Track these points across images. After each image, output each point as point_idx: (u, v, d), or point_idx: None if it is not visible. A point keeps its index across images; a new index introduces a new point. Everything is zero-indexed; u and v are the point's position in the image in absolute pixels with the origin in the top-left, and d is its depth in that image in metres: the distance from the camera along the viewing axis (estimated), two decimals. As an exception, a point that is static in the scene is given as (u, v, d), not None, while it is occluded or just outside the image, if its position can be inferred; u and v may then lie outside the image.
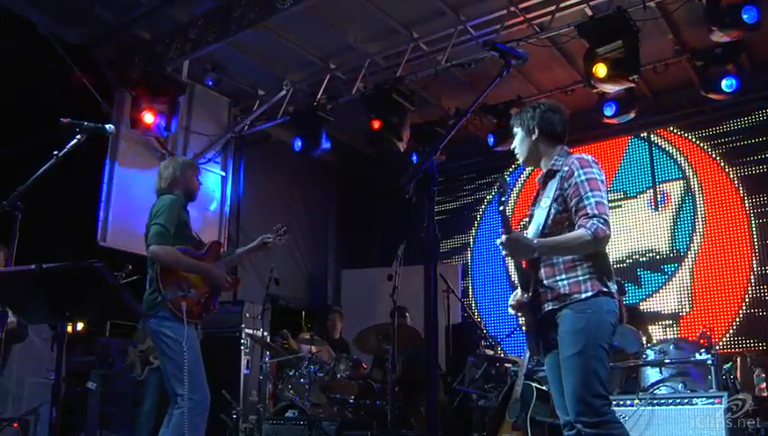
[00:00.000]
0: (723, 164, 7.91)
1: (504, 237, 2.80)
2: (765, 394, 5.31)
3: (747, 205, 7.65)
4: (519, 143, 3.15)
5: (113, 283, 2.73)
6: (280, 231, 4.44)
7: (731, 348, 7.24)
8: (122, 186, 7.51)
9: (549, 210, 2.90)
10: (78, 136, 2.95)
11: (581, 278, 2.81)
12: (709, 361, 4.64)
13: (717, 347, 6.39)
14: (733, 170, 7.82)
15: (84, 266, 2.59)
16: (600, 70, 5.98)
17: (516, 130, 3.15)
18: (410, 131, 7.44)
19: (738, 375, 5.33)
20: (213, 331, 6.11)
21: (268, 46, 7.50)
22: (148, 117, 7.18)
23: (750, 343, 7.26)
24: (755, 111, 7.74)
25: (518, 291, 3.01)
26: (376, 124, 7.23)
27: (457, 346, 6.71)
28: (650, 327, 6.33)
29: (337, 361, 5.98)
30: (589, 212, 2.75)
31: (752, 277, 7.43)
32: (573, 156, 2.95)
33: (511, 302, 3.05)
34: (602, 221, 2.72)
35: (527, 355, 5.07)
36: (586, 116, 7.54)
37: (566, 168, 2.90)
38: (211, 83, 8.27)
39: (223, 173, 8.71)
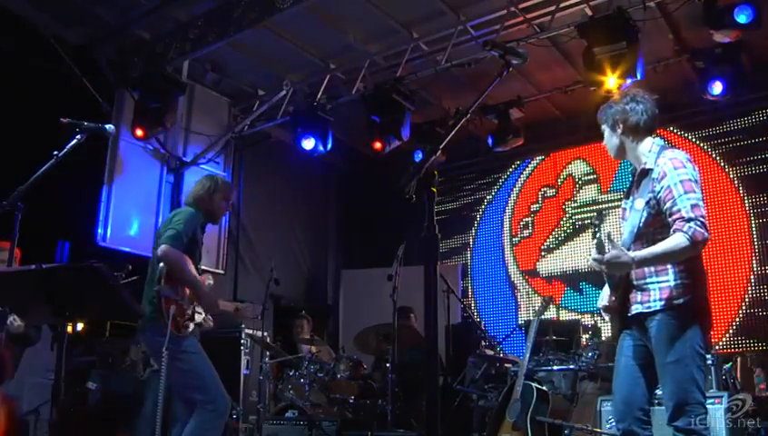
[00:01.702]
0: (723, 164, 7.91)
1: (599, 256, 2.74)
2: (765, 394, 5.32)
3: (747, 205, 7.65)
4: (606, 139, 3.06)
5: (113, 283, 2.74)
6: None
7: (731, 348, 7.24)
8: (121, 186, 7.51)
9: (643, 213, 2.83)
10: (78, 136, 2.95)
11: (672, 283, 2.76)
12: (709, 362, 4.65)
13: (717, 347, 6.40)
14: (733, 170, 7.82)
15: (84, 266, 2.59)
16: (611, 82, 5.95)
17: (603, 127, 3.07)
18: (410, 131, 7.45)
19: (738, 375, 5.34)
20: (213, 332, 6.12)
21: (268, 46, 7.51)
22: (146, 127, 7.22)
23: (750, 343, 7.26)
24: (755, 111, 7.74)
25: (606, 290, 2.96)
26: (377, 145, 7.31)
27: (457, 346, 6.71)
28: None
29: (337, 361, 5.98)
30: (685, 215, 2.68)
31: (752, 277, 7.42)
32: (666, 154, 2.84)
33: (600, 302, 3.02)
34: (699, 223, 2.66)
35: (527, 355, 5.08)
36: (586, 117, 7.51)
37: (659, 169, 2.81)
38: (207, 76, 8.27)
39: (224, 174, 8.69)
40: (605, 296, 2.98)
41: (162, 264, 3.71)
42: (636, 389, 2.84)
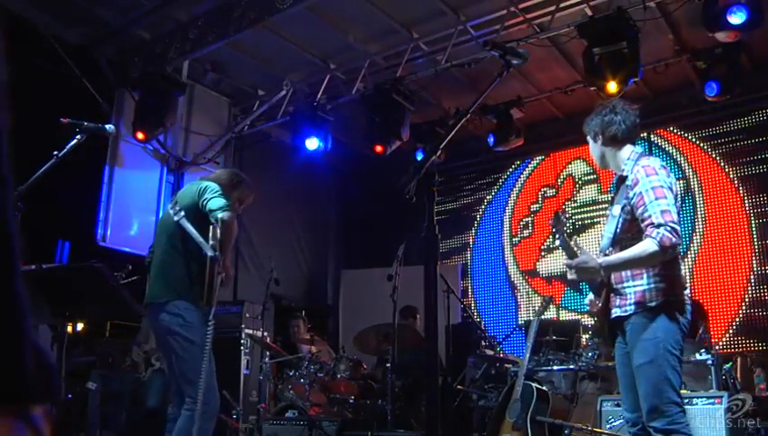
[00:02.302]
0: (723, 164, 7.91)
1: (568, 262, 2.88)
2: (765, 394, 5.31)
3: (747, 205, 7.65)
4: (591, 150, 3.19)
5: (113, 283, 2.74)
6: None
7: (731, 348, 7.24)
8: (121, 186, 7.52)
9: (619, 219, 2.93)
10: (78, 136, 2.95)
11: (646, 287, 2.82)
12: (709, 362, 4.64)
13: (717, 347, 6.40)
14: (733, 170, 7.82)
15: (84, 266, 2.60)
16: (611, 86, 5.96)
17: (588, 138, 3.19)
18: (410, 131, 7.45)
19: (738, 375, 5.33)
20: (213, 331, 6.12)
21: (268, 46, 7.51)
22: (146, 130, 7.23)
23: (750, 343, 7.26)
24: (755, 111, 7.74)
25: (592, 295, 3.05)
26: (378, 148, 7.30)
27: (457, 346, 6.71)
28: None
29: (337, 361, 5.98)
30: (654, 221, 2.73)
31: (752, 277, 7.42)
32: (640, 162, 2.92)
33: (587, 304, 3.12)
34: (669, 229, 2.69)
35: (527, 355, 5.08)
36: (587, 116, 7.51)
37: (632, 176, 2.89)
38: (207, 76, 8.27)
39: (223, 174, 8.70)
40: (590, 299, 3.07)
41: (216, 230, 3.48)
42: (638, 395, 2.89)
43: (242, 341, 6.55)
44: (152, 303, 3.63)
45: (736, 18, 5.46)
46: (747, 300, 7.40)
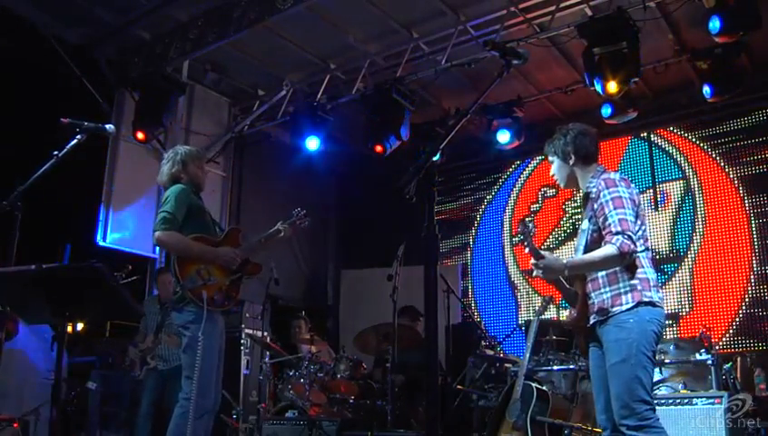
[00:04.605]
0: (723, 164, 7.91)
1: (534, 261, 3.01)
2: (765, 394, 5.31)
3: (747, 205, 7.64)
4: (558, 170, 3.30)
5: (113, 283, 2.73)
6: (300, 214, 4.38)
7: (731, 348, 7.24)
8: (121, 186, 7.52)
9: (588, 231, 3.10)
10: (78, 136, 2.95)
11: (622, 290, 2.96)
12: (709, 362, 4.65)
13: (717, 347, 6.40)
14: (733, 170, 7.81)
15: (84, 266, 2.59)
16: (611, 86, 5.97)
17: (551, 158, 3.30)
18: (410, 131, 7.44)
19: (738, 375, 5.33)
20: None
21: (268, 46, 7.51)
22: (146, 130, 7.23)
23: (750, 343, 7.26)
24: (755, 111, 7.74)
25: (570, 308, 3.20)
26: (378, 148, 7.28)
27: (457, 346, 6.71)
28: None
29: (337, 361, 5.98)
30: (613, 229, 2.90)
31: (752, 277, 7.42)
32: (602, 177, 3.08)
33: (566, 317, 3.27)
34: (626, 237, 2.86)
35: (527, 355, 5.08)
36: (586, 116, 7.51)
37: (595, 190, 3.07)
38: (207, 76, 8.27)
39: (224, 174, 8.71)
40: (569, 312, 3.22)
41: (173, 255, 3.69)
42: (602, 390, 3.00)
43: (242, 342, 6.55)
44: (175, 305, 3.77)
45: (713, 26, 5.58)
46: (747, 300, 7.40)
